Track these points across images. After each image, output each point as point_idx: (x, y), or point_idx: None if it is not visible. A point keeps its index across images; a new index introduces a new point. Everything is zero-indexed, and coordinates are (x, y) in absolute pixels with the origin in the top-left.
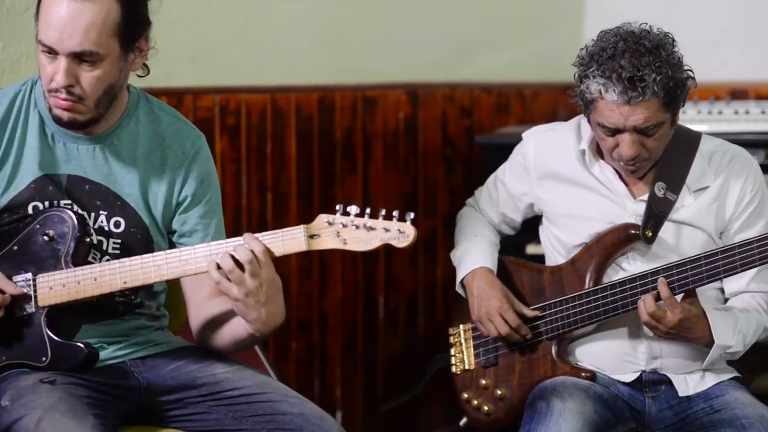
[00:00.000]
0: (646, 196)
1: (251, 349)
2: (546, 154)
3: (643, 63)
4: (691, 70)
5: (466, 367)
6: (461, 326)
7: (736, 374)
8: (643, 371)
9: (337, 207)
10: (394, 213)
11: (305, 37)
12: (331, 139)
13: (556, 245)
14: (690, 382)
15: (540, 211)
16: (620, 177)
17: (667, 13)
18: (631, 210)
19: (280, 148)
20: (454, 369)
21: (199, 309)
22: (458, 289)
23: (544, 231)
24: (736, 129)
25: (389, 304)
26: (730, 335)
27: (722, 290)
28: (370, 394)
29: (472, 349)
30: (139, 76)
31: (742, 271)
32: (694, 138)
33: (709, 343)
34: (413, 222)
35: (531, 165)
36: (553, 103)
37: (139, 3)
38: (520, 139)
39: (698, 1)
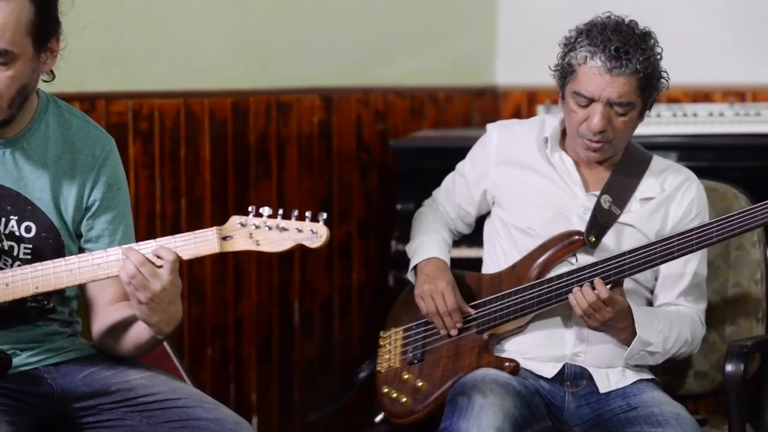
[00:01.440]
0: (599, 192)
1: (166, 355)
2: (508, 142)
3: (631, 42)
4: (666, 72)
5: (391, 365)
6: (393, 329)
7: (653, 376)
8: (567, 363)
9: (250, 208)
10: (307, 213)
11: (218, 42)
12: (245, 143)
13: (504, 233)
14: (611, 378)
15: (493, 198)
16: (577, 168)
17: (581, 17)
18: (581, 202)
19: (193, 153)
20: (379, 368)
21: (103, 314)
22: (409, 275)
23: (489, 222)
24: (648, 132)
25: (304, 309)
26: (653, 333)
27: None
28: (286, 399)
29: (399, 348)
30: (44, 81)
31: (678, 256)
32: (646, 158)
33: (631, 337)
34: (326, 222)
35: (492, 152)
36: (467, 106)
37: (52, 2)
38: (434, 142)
39: (609, 6)
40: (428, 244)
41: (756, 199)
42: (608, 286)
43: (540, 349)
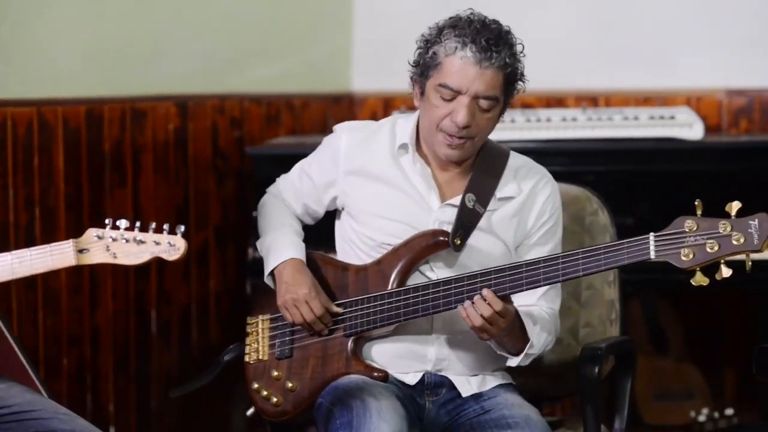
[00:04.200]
0: (455, 200)
1: (21, 367)
2: (358, 149)
3: (499, 37)
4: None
5: (260, 357)
6: (260, 316)
7: (511, 380)
8: (427, 372)
9: (107, 221)
10: (165, 226)
11: (72, 49)
12: (100, 152)
13: (356, 240)
14: (473, 383)
15: (343, 205)
16: (434, 177)
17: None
18: (435, 215)
19: (47, 162)
20: (247, 358)
21: None
22: (267, 279)
23: (341, 225)
24: (502, 137)
25: (162, 318)
26: (535, 337)
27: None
28: (144, 409)
29: (267, 339)
30: None
31: (544, 285)
32: (504, 154)
33: (519, 342)
34: (184, 235)
35: (341, 158)
36: (324, 113)
37: None
38: (290, 149)
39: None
40: (281, 242)
41: (609, 203)
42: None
43: (402, 360)
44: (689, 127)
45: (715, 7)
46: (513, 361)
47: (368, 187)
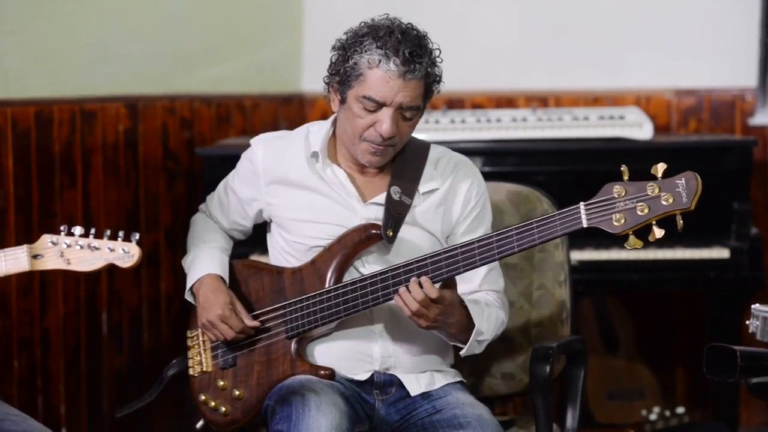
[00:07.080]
0: (379, 198)
1: None
2: (275, 159)
3: (419, 46)
4: (441, 74)
5: (204, 369)
6: (199, 329)
7: (461, 379)
8: (376, 371)
9: (62, 227)
10: (120, 233)
11: (21, 50)
12: (50, 153)
13: (288, 249)
14: (421, 381)
15: (269, 217)
16: (351, 181)
17: None
18: (361, 214)
19: None
20: (191, 371)
21: None
22: (188, 296)
23: (272, 237)
24: (453, 138)
25: (112, 320)
26: (484, 322)
27: None
28: (95, 410)
29: (209, 351)
30: None
31: (481, 265)
32: (424, 147)
33: (464, 329)
34: (138, 242)
35: (260, 170)
36: (274, 113)
37: None
38: (241, 150)
39: (413, 13)
40: (200, 258)
41: (559, 203)
42: (437, 285)
43: (350, 361)
44: (639, 127)
45: (664, 8)
46: (463, 350)
47: (291, 195)
